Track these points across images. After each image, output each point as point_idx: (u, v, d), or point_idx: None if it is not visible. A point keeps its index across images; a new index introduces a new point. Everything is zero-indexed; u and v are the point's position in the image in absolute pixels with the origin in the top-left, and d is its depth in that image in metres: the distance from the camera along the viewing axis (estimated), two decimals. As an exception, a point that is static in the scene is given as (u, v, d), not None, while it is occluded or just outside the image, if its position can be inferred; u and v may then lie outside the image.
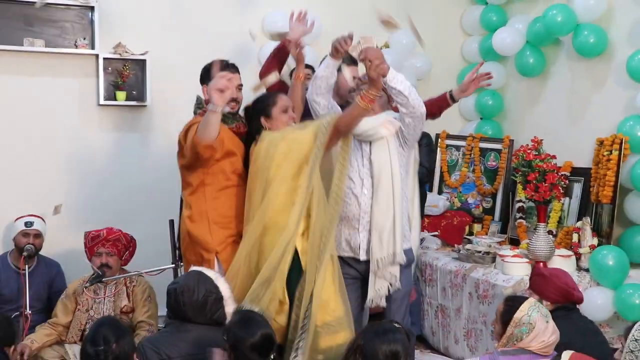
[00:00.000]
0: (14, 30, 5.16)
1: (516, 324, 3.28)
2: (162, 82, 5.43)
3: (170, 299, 3.51)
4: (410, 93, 3.96)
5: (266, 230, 3.83)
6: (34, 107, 5.28)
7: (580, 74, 5.48)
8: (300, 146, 3.85)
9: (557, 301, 3.72)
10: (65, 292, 4.76)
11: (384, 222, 4.05)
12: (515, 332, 3.28)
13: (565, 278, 3.80)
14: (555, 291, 3.73)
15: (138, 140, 5.45)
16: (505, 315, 3.36)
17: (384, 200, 4.06)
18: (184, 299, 3.46)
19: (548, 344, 3.27)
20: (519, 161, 4.81)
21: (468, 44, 6.48)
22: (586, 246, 4.78)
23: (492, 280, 4.79)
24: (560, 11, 5.22)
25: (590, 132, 5.22)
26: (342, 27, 4.21)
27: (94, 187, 5.46)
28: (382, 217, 4.05)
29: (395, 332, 3.14)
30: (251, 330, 3.19)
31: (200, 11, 5.67)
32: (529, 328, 3.26)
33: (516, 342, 3.29)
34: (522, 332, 3.27)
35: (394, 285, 4.07)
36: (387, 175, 4.07)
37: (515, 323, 3.29)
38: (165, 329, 3.60)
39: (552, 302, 3.71)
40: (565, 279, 3.79)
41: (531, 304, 3.35)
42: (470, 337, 4.94)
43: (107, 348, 3.02)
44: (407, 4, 6.11)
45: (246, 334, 3.17)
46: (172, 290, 3.52)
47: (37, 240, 4.95)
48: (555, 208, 5.28)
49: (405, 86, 3.96)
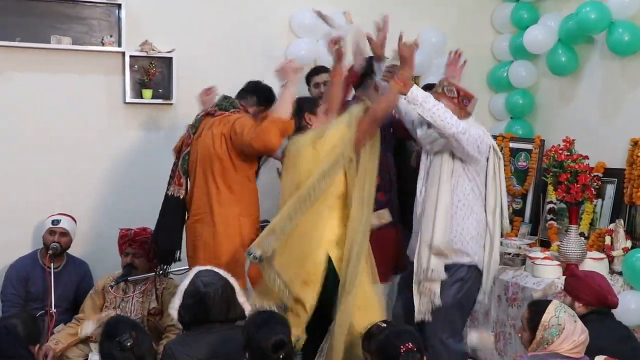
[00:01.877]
0: (41, 28, 5.16)
1: (545, 327, 3.24)
2: (188, 80, 5.40)
3: (194, 299, 3.48)
4: (433, 116, 3.89)
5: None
6: (61, 105, 5.28)
7: (614, 72, 5.39)
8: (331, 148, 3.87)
9: (590, 304, 3.66)
10: (94, 287, 4.80)
11: (425, 235, 4.03)
12: (545, 336, 3.24)
13: (601, 281, 3.74)
14: (589, 293, 3.66)
15: (164, 138, 5.42)
16: (532, 320, 3.32)
17: (429, 213, 4.04)
18: (212, 297, 3.46)
19: (578, 343, 3.22)
20: (550, 162, 4.76)
21: (498, 42, 6.40)
22: (619, 249, 4.72)
23: (522, 282, 4.75)
24: (593, 8, 5.13)
25: (624, 132, 5.15)
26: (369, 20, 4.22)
27: (119, 186, 5.45)
28: (425, 229, 4.04)
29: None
30: (268, 333, 3.15)
31: (226, 8, 5.64)
32: (558, 330, 3.22)
33: (547, 345, 3.23)
34: (552, 334, 3.22)
35: (434, 302, 4.01)
36: (434, 188, 4.05)
37: (543, 327, 3.24)
38: (190, 331, 3.55)
39: (585, 305, 3.67)
40: (601, 281, 3.73)
41: (556, 305, 3.31)
42: (499, 341, 4.87)
43: (127, 336, 3.06)
44: (437, 1, 6.08)
45: (262, 336, 3.14)
46: (196, 290, 3.48)
47: (63, 238, 4.95)
48: (587, 210, 5.20)
49: (426, 109, 3.90)
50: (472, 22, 6.34)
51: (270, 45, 5.69)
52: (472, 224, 4.10)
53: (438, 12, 6.18)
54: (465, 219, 4.10)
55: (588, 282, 3.69)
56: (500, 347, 4.85)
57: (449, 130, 3.91)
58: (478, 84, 6.39)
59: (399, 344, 3.14)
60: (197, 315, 3.47)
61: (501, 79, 6.31)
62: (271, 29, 5.73)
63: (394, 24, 6.00)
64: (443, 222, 4.03)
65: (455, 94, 4.18)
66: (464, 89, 4.24)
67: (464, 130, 3.93)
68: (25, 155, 5.22)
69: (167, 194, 4.39)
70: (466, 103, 4.17)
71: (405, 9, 6.03)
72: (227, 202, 4.19)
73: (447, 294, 4.07)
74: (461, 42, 5.92)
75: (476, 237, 4.12)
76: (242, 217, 4.21)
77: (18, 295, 4.92)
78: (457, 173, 4.09)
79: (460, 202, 4.08)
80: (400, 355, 3.11)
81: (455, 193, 4.08)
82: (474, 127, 4.06)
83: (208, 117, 4.33)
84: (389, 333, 3.33)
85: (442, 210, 4.04)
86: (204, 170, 4.25)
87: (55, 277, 4.75)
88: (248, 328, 3.24)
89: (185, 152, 4.30)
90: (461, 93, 4.18)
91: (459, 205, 4.09)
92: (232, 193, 4.20)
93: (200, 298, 3.46)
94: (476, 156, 4.04)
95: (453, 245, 4.07)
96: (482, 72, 6.41)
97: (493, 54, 6.46)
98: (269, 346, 3.09)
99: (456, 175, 4.09)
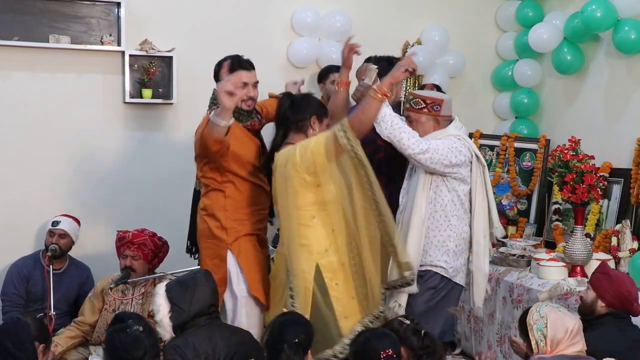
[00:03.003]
0: (40, 27, 5.13)
1: (531, 326, 3.27)
2: (188, 79, 5.39)
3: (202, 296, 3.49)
4: (390, 137, 3.85)
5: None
6: (60, 104, 5.25)
7: (620, 71, 5.36)
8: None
9: (612, 305, 3.61)
10: (93, 290, 4.77)
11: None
12: (536, 334, 3.25)
13: (632, 287, 3.66)
14: (615, 295, 3.61)
15: (164, 138, 5.39)
16: (521, 324, 3.37)
17: (404, 227, 4.00)
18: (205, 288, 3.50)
19: (574, 331, 3.21)
20: (556, 161, 4.73)
21: (503, 41, 6.36)
22: (626, 250, 4.70)
23: (527, 284, 4.73)
24: (599, 6, 5.09)
25: (630, 131, 5.13)
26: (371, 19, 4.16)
27: (118, 186, 5.42)
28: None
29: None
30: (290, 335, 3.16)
31: (227, 7, 5.61)
32: (544, 322, 3.23)
33: (544, 345, 3.23)
34: (539, 328, 3.24)
35: (397, 312, 3.91)
36: (411, 201, 4.02)
37: (530, 326, 3.28)
38: (192, 329, 3.49)
39: (607, 304, 3.62)
40: (631, 288, 3.65)
41: (537, 304, 3.36)
42: (504, 343, 4.83)
43: (137, 326, 3.12)
44: (441, 0, 6.07)
45: (280, 337, 3.16)
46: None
47: (62, 240, 4.92)
48: (593, 210, 5.18)
49: (383, 128, 3.85)
50: (476, 20, 6.31)
51: (271, 44, 5.67)
52: (449, 236, 4.02)
53: (442, 10, 6.16)
54: (442, 230, 4.02)
55: (619, 285, 3.62)
56: (506, 349, 4.81)
57: (405, 152, 3.88)
58: (482, 83, 6.38)
59: (379, 350, 3.17)
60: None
61: (506, 78, 6.28)
62: (272, 27, 5.71)
63: (398, 22, 6.03)
64: (416, 236, 3.97)
65: (422, 104, 4.06)
66: (430, 94, 4.15)
67: (424, 150, 3.86)
68: (24, 156, 5.19)
69: (194, 188, 4.42)
70: (437, 109, 4.04)
71: (408, 7, 6.04)
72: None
73: (419, 300, 4.01)
74: (465, 41, 5.92)
75: (454, 249, 4.02)
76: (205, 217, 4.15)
77: (19, 295, 4.89)
78: (436, 184, 4.01)
79: (437, 214, 4.01)
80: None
81: (433, 204, 4.01)
82: (448, 139, 3.96)
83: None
84: (369, 337, 3.34)
85: (416, 223, 3.97)
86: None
87: (56, 279, 4.71)
88: (272, 327, 3.23)
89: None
90: (428, 101, 4.05)
91: (436, 217, 4.01)
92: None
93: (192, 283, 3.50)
94: (446, 171, 3.96)
95: (426, 254, 4.01)
96: (487, 71, 6.39)
97: (497, 53, 6.43)
98: (291, 345, 3.10)
99: (434, 186, 4.01)
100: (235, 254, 4.00)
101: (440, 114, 4.05)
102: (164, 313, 3.43)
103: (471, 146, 4.04)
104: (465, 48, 6.00)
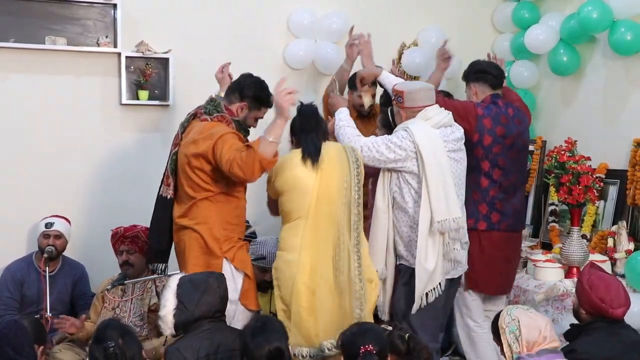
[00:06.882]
0: (36, 29, 5.11)
1: (503, 329, 3.32)
2: (185, 81, 5.38)
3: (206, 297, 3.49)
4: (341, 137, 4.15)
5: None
6: (56, 106, 5.24)
7: (617, 72, 5.36)
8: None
9: (590, 314, 3.53)
10: (96, 295, 4.79)
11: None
12: (508, 336, 3.30)
13: (605, 293, 3.47)
14: (587, 303, 3.52)
15: (160, 140, 5.37)
16: (494, 328, 3.43)
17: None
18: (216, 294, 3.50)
19: (546, 329, 3.27)
20: (552, 163, 4.73)
21: (499, 42, 6.35)
22: (622, 251, 4.71)
23: (524, 285, 4.74)
24: (595, 7, 5.10)
25: (627, 132, 5.13)
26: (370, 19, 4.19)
27: (115, 188, 5.41)
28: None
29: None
30: (262, 341, 3.13)
31: (224, 9, 5.60)
32: (516, 324, 3.29)
33: (518, 346, 3.26)
34: (512, 331, 3.29)
35: (378, 303, 4.06)
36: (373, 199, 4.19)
37: (502, 329, 3.33)
38: (194, 331, 3.48)
39: (586, 312, 3.55)
40: (605, 294, 3.47)
41: (508, 308, 3.43)
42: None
43: (113, 344, 3.09)
44: (438, 1, 6.05)
45: (256, 344, 3.12)
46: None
47: (57, 241, 4.91)
48: (589, 211, 5.19)
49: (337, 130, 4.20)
50: (473, 21, 6.31)
51: (268, 45, 5.67)
52: (407, 228, 4.05)
53: (439, 11, 6.16)
54: (403, 224, 4.05)
55: (589, 294, 3.49)
56: (502, 350, 4.80)
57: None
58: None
59: (360, 345, 3.16)
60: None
61: (502, 79, 6.25)
62: (269, 28, 5.70)
63: (394, 24, 6.02)
64: (380, 228, 4.08)
65: (393, 96, 4.16)
66: (399, 86, 4.17)
67: (359, 148, 4.03)
68: (20, 157, 5.18)
69: (158, 193, 4.33)
70: (400, 101, 4.10)
71: (405, 8, 6.03)
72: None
73: (398, 296, 4.08)
74: (462, 42, 5.90)
75: (412, 242, 4.01)
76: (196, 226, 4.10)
77: (14, 298, 4.87)
78: (395, 180, 4.07)
79: (397, 207, 4.07)
80: (358, 356, 3.14)
81: (393, 197, 4.07)
82: (396, 134, 4.03)
83: (196, 119, 4.24)
84: (355, 331, 3.31)
85: (379, 217, 4.09)
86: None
87: (50, 280, 4.70)
88: (244, 335, 3.21)
89: (173, 152, 4.22)
90: (394, 93, 4.14)
91: (398, 210, 4.07)
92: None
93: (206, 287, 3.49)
94: (389, 166, 4.03)
95: (396, 250, 4.09)
96: (483, 72, 6.35)
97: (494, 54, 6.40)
98: (263, 355, 3.06)
99: (393, 182, 4.07)
100: (229, 259, 4.01)
101: (404, 105, 4.08)
102: (169, 310, 3.43)
103: (419, 140, 3.95)
104: (462, 49, 6.00)
